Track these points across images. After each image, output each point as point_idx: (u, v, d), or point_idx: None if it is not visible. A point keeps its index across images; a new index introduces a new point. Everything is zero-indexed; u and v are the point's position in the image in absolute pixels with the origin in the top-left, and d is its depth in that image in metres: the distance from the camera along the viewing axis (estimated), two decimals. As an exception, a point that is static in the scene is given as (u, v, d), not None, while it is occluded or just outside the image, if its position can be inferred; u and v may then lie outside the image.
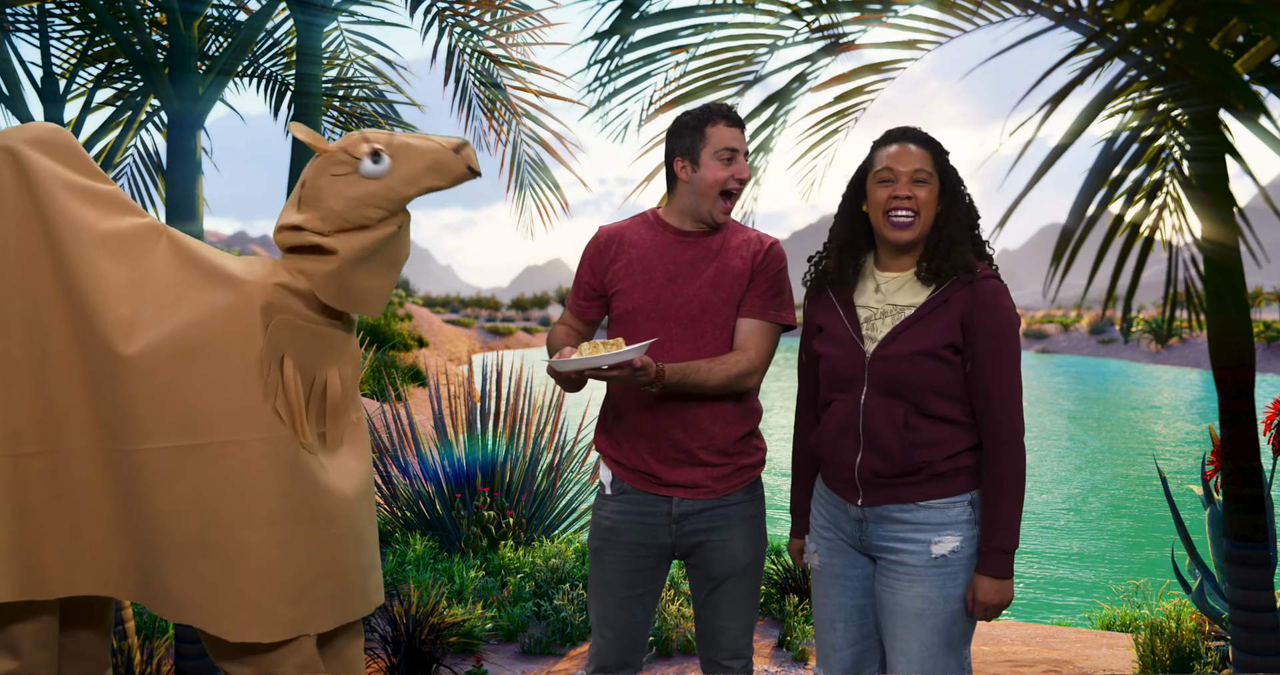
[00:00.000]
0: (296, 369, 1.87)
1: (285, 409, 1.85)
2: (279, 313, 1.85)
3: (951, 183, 2.00)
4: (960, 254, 1.95)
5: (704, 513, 2.20)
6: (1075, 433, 17.81)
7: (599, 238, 2.30)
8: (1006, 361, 1.91)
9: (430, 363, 19.43)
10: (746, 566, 2.22)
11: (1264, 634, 2.59)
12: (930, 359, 1.93)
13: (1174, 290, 2.79)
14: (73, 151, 1.96)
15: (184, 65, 3.35)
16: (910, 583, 1.95)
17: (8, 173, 1.87)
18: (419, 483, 5.28)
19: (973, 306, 1.92)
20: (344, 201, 1.85)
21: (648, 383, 2.03)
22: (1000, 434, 1.91)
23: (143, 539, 1.87)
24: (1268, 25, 2.05)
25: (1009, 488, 1.89)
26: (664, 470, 2.19)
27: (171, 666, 2.86)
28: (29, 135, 1.92)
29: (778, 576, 4.38)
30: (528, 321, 58.18)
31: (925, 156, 1.99)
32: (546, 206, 4.66)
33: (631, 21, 2.70)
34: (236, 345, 1.82)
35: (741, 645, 2.25)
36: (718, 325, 2.18)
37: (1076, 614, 6.83)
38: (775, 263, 2.21)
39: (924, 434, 1.94)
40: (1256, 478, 2.63)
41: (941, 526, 1.94)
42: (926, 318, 1.95)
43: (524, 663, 3.65)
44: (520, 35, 4.21)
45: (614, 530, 2.24)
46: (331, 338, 1.94)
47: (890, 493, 1.98)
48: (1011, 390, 1.92)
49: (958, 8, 2.60)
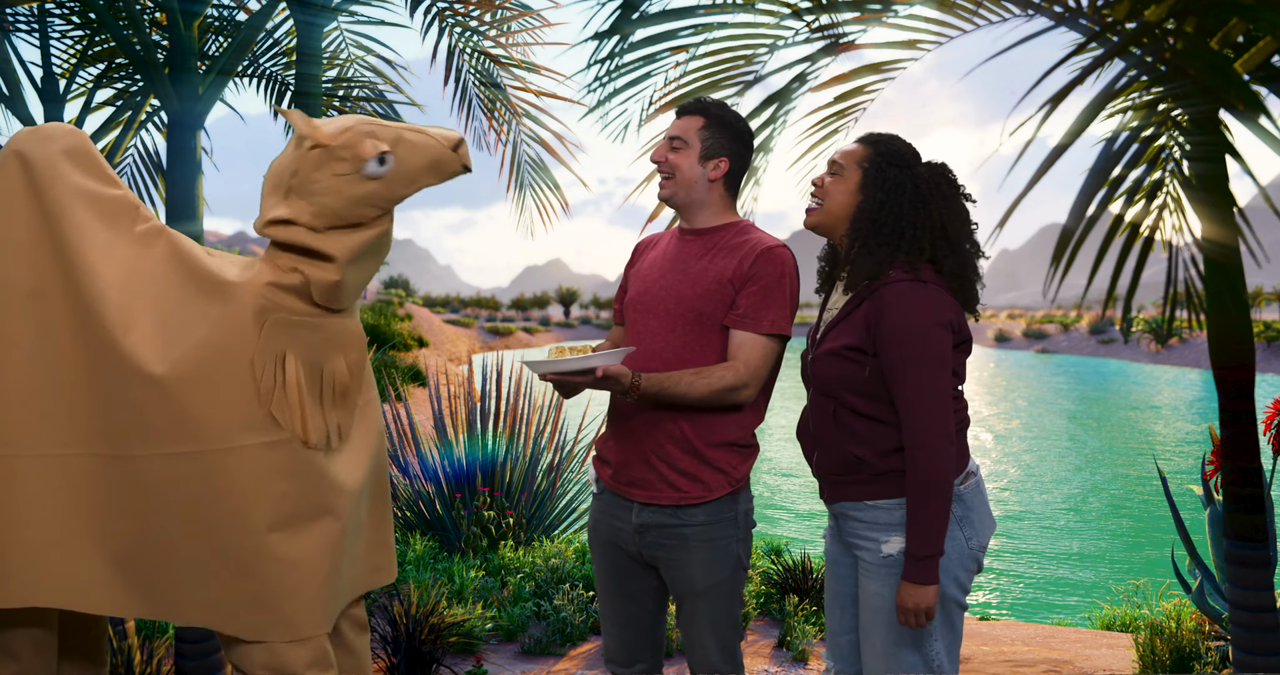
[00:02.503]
0: (301, 364, 1.86)
1: (284, 410, 1.84)
2: (273, 313, 1.84)
3: (877, 187, 1.99)
4: (865, 263, 1.97)
5: (663, 529, 2.13)
6: (1075, 433, 17.81)
7: (635, 246, 2.40)
8: (910, 365, 1.89)
9: (430, 363, 19.44)
10: (707, 589, 2.13)
11: (1264, 634, 2.59)
12: (838, 358, 1.98)
13: (1174, 290, 2.79)
14: (86, 154, 1.95)
15: (184, 65, 3.35)
16: (869, 579, 2.00)
17: (18, 175, 1.87)
18: (419, 483, 5.28)
19: (877, 311, 1.94)
20: (342, 200, 1.82)
21: (622, 392, 2.03)
22: (907, 437, 1.90)
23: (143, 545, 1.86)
24: (1268, 25, 2.05)
25: (918, 492, 1.88)
26: (623, 461, 2.18)
27: (171, 666, 2.86)
28: (43, 137, 1.92)
29: (778, 577, 4.38)
30: (528, 321, 58.19)
31: (854, 153, 2.04)
32: (546, 206, 4.67)
33: (631, 21, 2.70)
34: (232, 351, 1.81)
35: (716, 660, 2.17)
36: (690, 321, 2.12)
37: (1076, 614, 6.84)
38: (770, 268, 2.10)
39: (852, 428, 1.99)
40: (1256, 478, 2.63)
41: (889, 527, 1.97)
42: (844, 320, 2.01)
43: (524, 663, 3.65)
44: (520, 35, 4.21)
45: (595, 529, 2.27)
46: (331, 326, 1.92)
47: (843, 490, 2.04)
48: (918, 394, 1.89)
49: (958, 8, 2.60)
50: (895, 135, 2.06)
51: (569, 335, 51.53)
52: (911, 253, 1.97)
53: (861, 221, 1.99)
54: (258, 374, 1.82)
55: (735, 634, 2.22)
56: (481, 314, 61.75)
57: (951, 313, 1.95)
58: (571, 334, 52.20)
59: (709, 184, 2.19)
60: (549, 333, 50.84)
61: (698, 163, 2.17)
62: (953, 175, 2.03)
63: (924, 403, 1.89)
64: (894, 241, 1.97)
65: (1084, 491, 12.13)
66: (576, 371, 1.96)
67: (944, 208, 1.99)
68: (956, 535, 1.96)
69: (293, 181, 1.84)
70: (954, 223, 2.00)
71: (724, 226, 2.21)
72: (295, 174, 1.84)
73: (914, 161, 2.02)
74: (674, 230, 2.32)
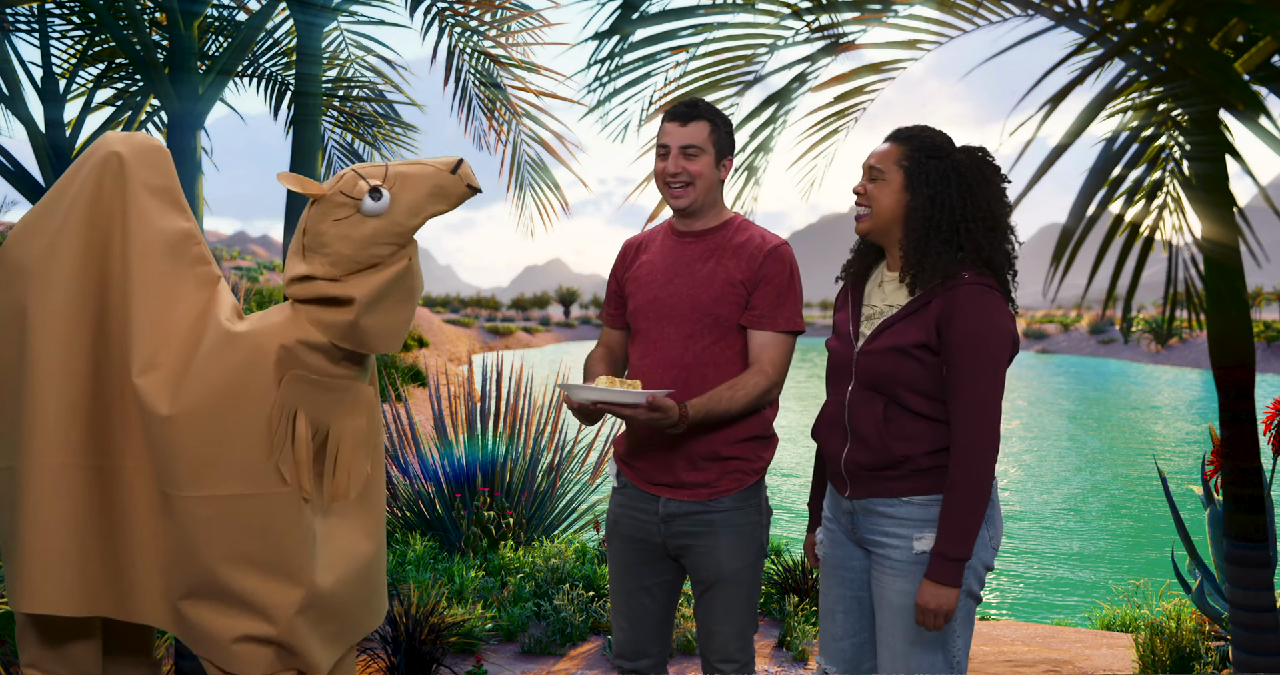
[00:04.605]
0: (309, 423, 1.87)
1: (289, 466, 1.84)
2: (293, 367, 1.83)
3: (923, 184, 1.96)
4: (932, 263, 1.94)
5: (691, 516, 2.18)
6: (1075, 433, 17.81)
7: (623, 247, 2.39)
8: (974, 370, 1.88)
9: (430, 363, 19.43)
10: (733, 574, 2.19)
11: (1264, 634, 2.59)
12: (902, 355, 1.95)
13: (1174, 290, 2.79)
14: (168, 175, 1.94)
15: (184, 65, 3.35)
16: (894, 577, 1.97)
17: (110, 181, 1.86)
18: (419, 483, 5.28)
19: (948, 312, 1.91)
20: (351, 244, 1.81)
21: (670, 425, 2.03)
22: (959, 439, 1.89)
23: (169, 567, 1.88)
24: (1268, 25, 2.05)
25: (958, 494, 1.87)
26: (652, 468, 2.20)
27: (172, 666, 2.86)
28: (134, 146, 1.91)
29: (778, 576, 4.38)
30: (528, 321, 58.20)
31: (890, 154, 2.00)
32: (546, 206, 4.67)
33: (631, 21, 2.69)
34: (253, 398, 1.81)
35: (733, 649, 2.23)
36: (706, 325, 2.17)
37: (1076, 614, 6.83)
38: (780, 268, 2.17)
39: (901, 426, 1.96)
40: (1256, 478, 2.63)
41: (923, 523, 1.95)
42: (907, 318, 1.98)
43: (524, 663, 3.65)
44: (520, 35, 4.22)
45: (615, 523, 2.30)
46: (344, 389, 1.92)
47: (874, 486, 2.00)
48: (977, 398, 1.88)
49: (958, 8, 2.60)
50: (924, 126, 2.03)
51: (569, 335, 51.55)
52: (972, 249, 1.94)
53: (915, 221, 1.96)
54: (272, 426, 1.82)
55: (752, 623, 2.26)
56: (481, 314, 61.74)
57: (1013, 324, 1.95)
58: (571, 334, 52.20)
59: (719, 185, 2.25)
60: (549, 333, 50.85)
61: (714, 167, 2.20)
62: (990, 156, 2.00)
63: (983, 406, 1.88)
64: (953, 238, 1.95)
65: (1084, 491, 12.13)
66: (626, 404, 1.97)
67: (989, 193, 1.97)
68: (982, 533, 1.95)
69: (306, 240, 1.86)
70: (999, 208, 1.98)
71: (722, 225, 2.25)
72: (306, 232, 1.86)
73: (951, 149, 1.99)
74: (665, 229, 2.32)
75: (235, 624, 1.84)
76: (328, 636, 1.94)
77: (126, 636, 2.11)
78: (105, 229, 1.85)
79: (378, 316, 1.85)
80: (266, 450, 1.82)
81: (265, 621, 1.84)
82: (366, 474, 2.00)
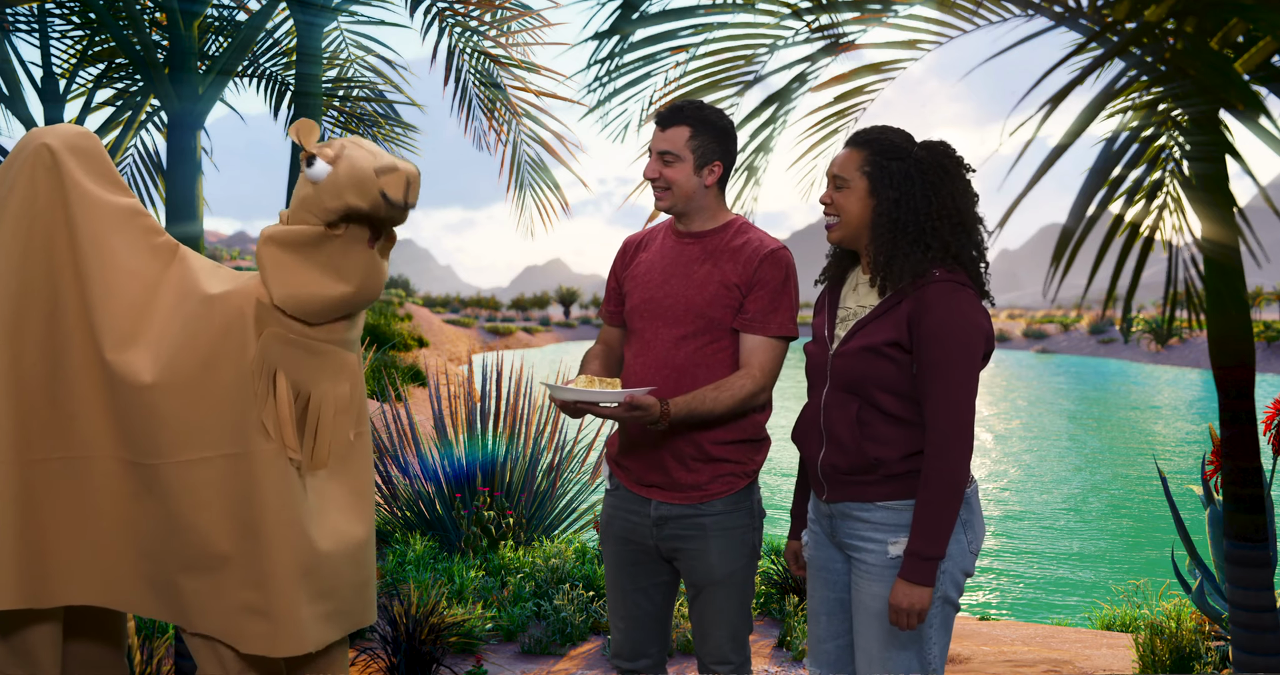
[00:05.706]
0: (290, 384, 1.87)
1: (272, 420, 1.84)
2: (269, 324, 1.84)
3: (887, 187, 1.96)
4: (900, 264, 1.94)
5: (682, 520, 2.18)
6: (1075, 433, 17.81)
7: (623, 244, 2.38)
8: (946, 366, 1.89)
9: (430, 363, 19.43)
10: (725, 577, 2.19)
11: (1264, 634, 2.59)
12: (875, 355, 1.95)
13: (1174, 290, 2.78)
14: (101, 159, 1.96)
15: (184, 65, 3.35)
16: (870, 581, 1.98)
17: (43, 174, 1.86)
18: (419, 483, 5.28)
19: (919, 310, 1.92)
20: (295, 200, 1.86)
21: (652, 422, 2.03)
22: (933, 437, 1.89)
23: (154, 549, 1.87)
24: (1268, 25, 2.04)
25: (931, 493, 1.87)
26: (642, 467, 2.21)
27: (171, 666, 2.86)
28: (62, 136, 1.91)
29: (778, 576, 4.38)
30: (528, 321, 58.17)
31: (851, 160, 2.00)
32: (546, 206, 4.67)
33: (631, 21, 2.69)
34: (233, 357, 1.82)
35: (728, 650, 2.23)
36: (700, 327, 2.16)
37: (1076, 614, 6.83)
38: (775, 272, 2.17)
39: (875, 429, 1.96)
40: (1256, 478, 2.63)
41: (899, 528, 1.95)
42: (881, 317, 1.98)
43: (524, 663, 3.65)
44: (520, 35, 4.22)
45: (609, 525, 2.30)
46: (325, 353, 1.92)
47: (850, 490, 2.00)
48: (950, 394, 1.88)
49: (958, 8, 2.60)
50: (883, 127, 2.04)
51: (569, 335, 51.53)
52: (940, 247, 1.95)
53: (882, 224, 1.97)
54: (253, 380, 1.83)
55: (746, 625, 2.26)
56: (481, 314, 61.71)
57: (986, 321, 1.95)
58: (571, 334, 52.18)
59: (705, 190, 2.21)
60: (549, 332, 50.82)
61: (693, 174, 2.18)
62: (951, 149, 2.00)
63: (954, 404, 1.88)
64: (920, 237, 1.95)
65: (1084, 491, 12.13)
66: (604, 403, 1.98)
67: (953, 188, 1.97)
68: (960, 538, 1.96)
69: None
70: (964, 202, 1.99)
71: (721, 228, 2.24)
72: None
73: (911, 147, 2.00)
74: (666, 228, 2.32)
75: (236, 594, 1.84)
76: (322, 616, 1.93)
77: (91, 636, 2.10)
78: (46, 222, 1.85)
79: (292, 272, 1.83)
80: (249, 407, 1.83)
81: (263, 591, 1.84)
82: (349, 442, 2.00)
